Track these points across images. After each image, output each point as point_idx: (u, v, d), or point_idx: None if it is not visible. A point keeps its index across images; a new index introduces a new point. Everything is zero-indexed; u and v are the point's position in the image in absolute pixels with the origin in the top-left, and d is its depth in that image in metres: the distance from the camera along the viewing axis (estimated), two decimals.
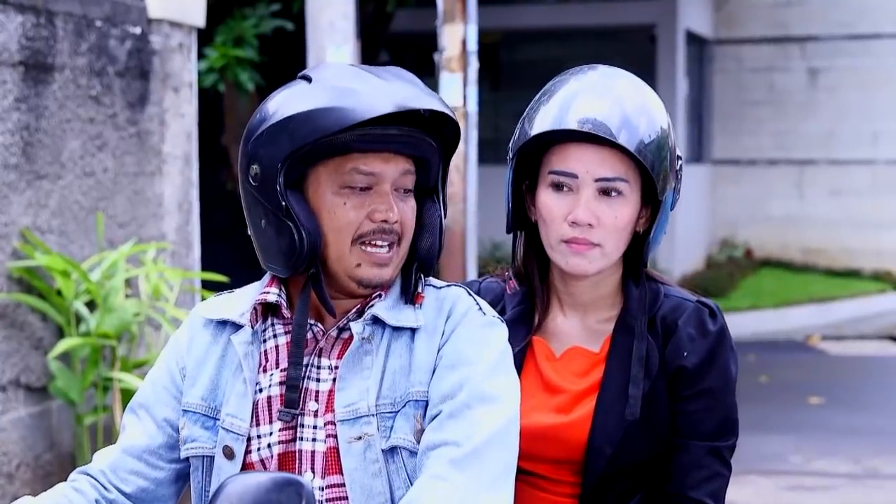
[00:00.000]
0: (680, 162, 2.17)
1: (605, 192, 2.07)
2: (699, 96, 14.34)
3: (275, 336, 1.93)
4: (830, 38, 14.21)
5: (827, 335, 11.12)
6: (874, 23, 14.11)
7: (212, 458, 1.91)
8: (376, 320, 1.89)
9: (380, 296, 1.90)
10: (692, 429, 2.11)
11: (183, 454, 1.94)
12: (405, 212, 1.89)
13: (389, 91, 1.83)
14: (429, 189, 1.95)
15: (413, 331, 1.89)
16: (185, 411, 1.94)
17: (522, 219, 2.20)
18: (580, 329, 2.18)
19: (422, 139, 1.87)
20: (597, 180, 2.07)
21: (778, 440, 6.97)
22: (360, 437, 1.83)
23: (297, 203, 1.84)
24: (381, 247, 1.87)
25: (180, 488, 1.99)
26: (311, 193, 1.86)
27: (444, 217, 1.96)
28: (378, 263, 1.87)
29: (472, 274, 6.21)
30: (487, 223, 10.03)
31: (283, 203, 1.84)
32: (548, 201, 2.10)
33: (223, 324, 1.96)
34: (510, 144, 2.16)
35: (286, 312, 1.92)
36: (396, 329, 1.89)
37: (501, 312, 2.20)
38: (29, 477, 4.54)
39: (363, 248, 1.86)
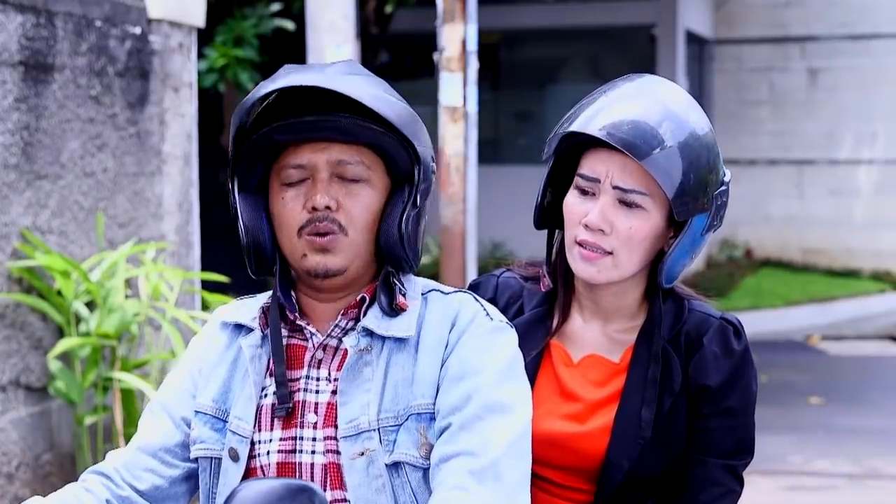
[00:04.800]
0: (722, 188, 2.08)
1: (625, 203, 2.03)
2: (699, 96, 14.33)
3: (282, 338, 1.93)
4: (830, 38, 14.21)
5: (827, 335, 11.11)
6: (874, 23, 14.11)
7: (219, 459, 1.91)
8: (370, 331, 1.87)
9: (364, 299, 1.89)
10: (710, 446, 2.10)
11: (192, 454, 1.94)
12: (345, 200, 1.85)
13: (281, 79, 1.83)
14: (401, 179, 1.90)
15: (417, 341, 1.86)
16: (196, 412, 1.94)
17: (563, 218, 2.14)
18: (600, 337, 2.16)
19: (352, 123, 1.83)
20: (615, 188, 2.03)
21: (778, 440, 6.97)
22: (362, 453, 1.82)
23: (244, 203, 1.89)
24: (322, 235, 1.85)
25: (193, 487, 1.99)
26: (270, 195, 1.90)
27: (417, 205, 1.89)
28: (319, 249, 1.85)
29: (471, 274, 6.20)
30: (487, 223, 10.04)
31: (234, 205, 1.90)
32: (570, 202, 2.08)
33: (239, 327, 1.97)
34: (547, 147, 2.14)
35: (291, 315, 1.92)
36: (398, 340, 1.87)
37: (520, 311, 2.19)
38: (29, 477, 4.53)
39: (307, 237, 1.86)
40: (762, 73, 14.46)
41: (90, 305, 4.63)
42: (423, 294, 1.93)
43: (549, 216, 2.18)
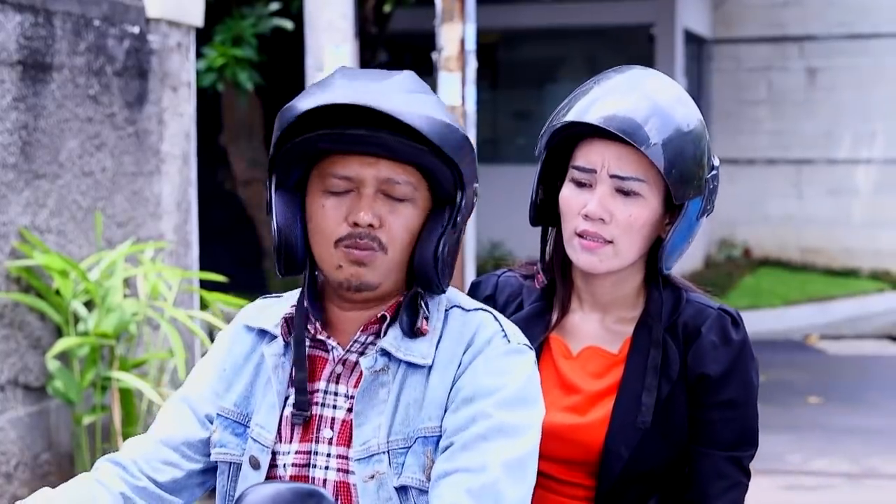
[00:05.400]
0: (713, 172, 2.13)
1: (623, 191, 2.05)
2: (697, 96, 14.34)
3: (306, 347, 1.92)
4: (828, 37, 14.22)
5: (825, 334, 11.12)
6: (872, 22, 14.11)
7: (239, 465, 1.91)
8: (388, 353, 1.86)
9: (385, 317, 1.87)
10: (714, 438, 2.10)
11: (212, 458, 1.94)
12: (389, 218, 1.84)
13: (336, 89, 1.81)
14: (443, 199, 1.88)
15: (431, 362, 1.85)
16: (218, 415, 1.94)
17: (555, 215, 2.17)
18: (599, 328, 2.17)
19: (399, 143, 1.81)
20: (612, 177, 2.05)
21: (776, 440, 6.96)
22: (373, 476, 1.81)
23: (281, 203, 1.87)
24: (361, 249, 1.83)
25: (210, 478, 1.99)
26: (308, 198, 1.88)
27: (453, 227, 1.87)
28: (356, 262, 1.83)
29: (470, 272, 6.20)
30: (486, 223, 10.04)
31: (269, 202, 1.88)
32: (567, 194, 2.09)
33: (263, 332, 1.96)
34: (539, 142, 2.15)
35: (312, 329, 1.91)
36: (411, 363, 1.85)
37: (519, 307, 2.20)
38: (27, 477, 4.53)
39: (344, 249, 1.84)
40: (761, 72, 14.46)
41: (88, 305, 4.63)
42: (445, 310, 1.91)
43: (541, 213, 2.19)
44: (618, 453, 2.07)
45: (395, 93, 1.82)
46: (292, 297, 1.98)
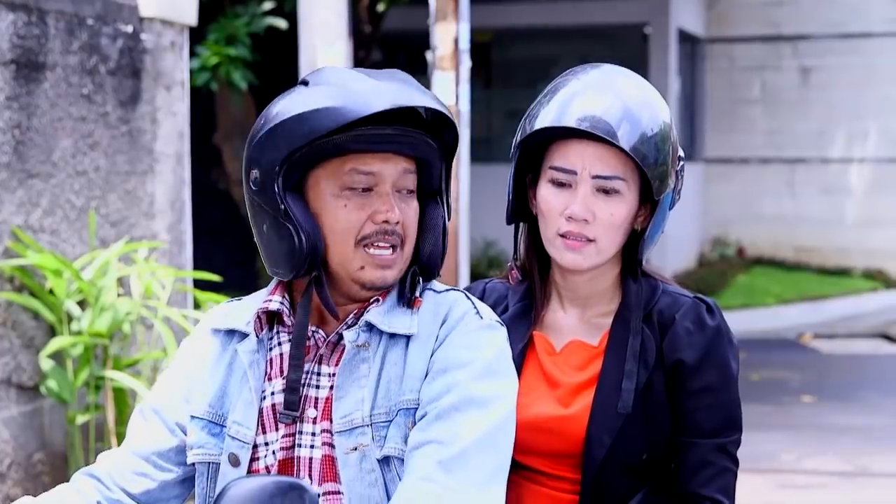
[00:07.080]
0: (681, 163, 2.18)
1: (603, 190, 2.09)
2: (691, 95, 14.35)
3: (279, 344, 1.93)
4: (822, 37, 14.24)
5: (819, 333, 11.13)
6: (865, 22, 14.14)
7: (217, 464, 1.92)
8: (371, 327, 1.88)
9: (377, 300, 1.90)
10: (696, 427, 2.11)
11: (189, 460, 1.94)
12: (407, 213, 1.88)
13: (383, 90, 1.83)
14: (432, 191, 1.95)
15: (408, 338, 1.88)
16: (192, 417, 1.94)
17: (524, 211, 2.21)
18: (579, 323, 2.19)
19: (420, 139, 1.87)
20: (594, 177, 2.08)
21: (770, 438, 6.98)
22: (355, 448, 1.84)
23: (296, 205, 1.85)
24: (385, 248, 1.87)
25: (186, 490, 2.00)
26: (312, 196, 1.87)
27: (448, 219, 1.96)
28: (382, 265, 1.87)
29: (464, 271, 6.21)
30: (480, 222, 10.04)
31: (282, 206, 1.84)
32: (547, 195, 2.11)
33: (231, 333, 1.97)
34: (514, 140, 2.17)
35: (288, 320, 1.92)
36: (392, 336, 1.88)
37: (505, 310, 2.22)
38: (21, 476, 4.53)
39: (367, 250, 1.86)
40: (754, 71, 14.48)
41: (82, 304, 4.62)
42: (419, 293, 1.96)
43: (515, 211, 2.22)
44: (600, 440, 2.09)
45: (420, 90, 1.87)
46: (254, 299, 2.00)
